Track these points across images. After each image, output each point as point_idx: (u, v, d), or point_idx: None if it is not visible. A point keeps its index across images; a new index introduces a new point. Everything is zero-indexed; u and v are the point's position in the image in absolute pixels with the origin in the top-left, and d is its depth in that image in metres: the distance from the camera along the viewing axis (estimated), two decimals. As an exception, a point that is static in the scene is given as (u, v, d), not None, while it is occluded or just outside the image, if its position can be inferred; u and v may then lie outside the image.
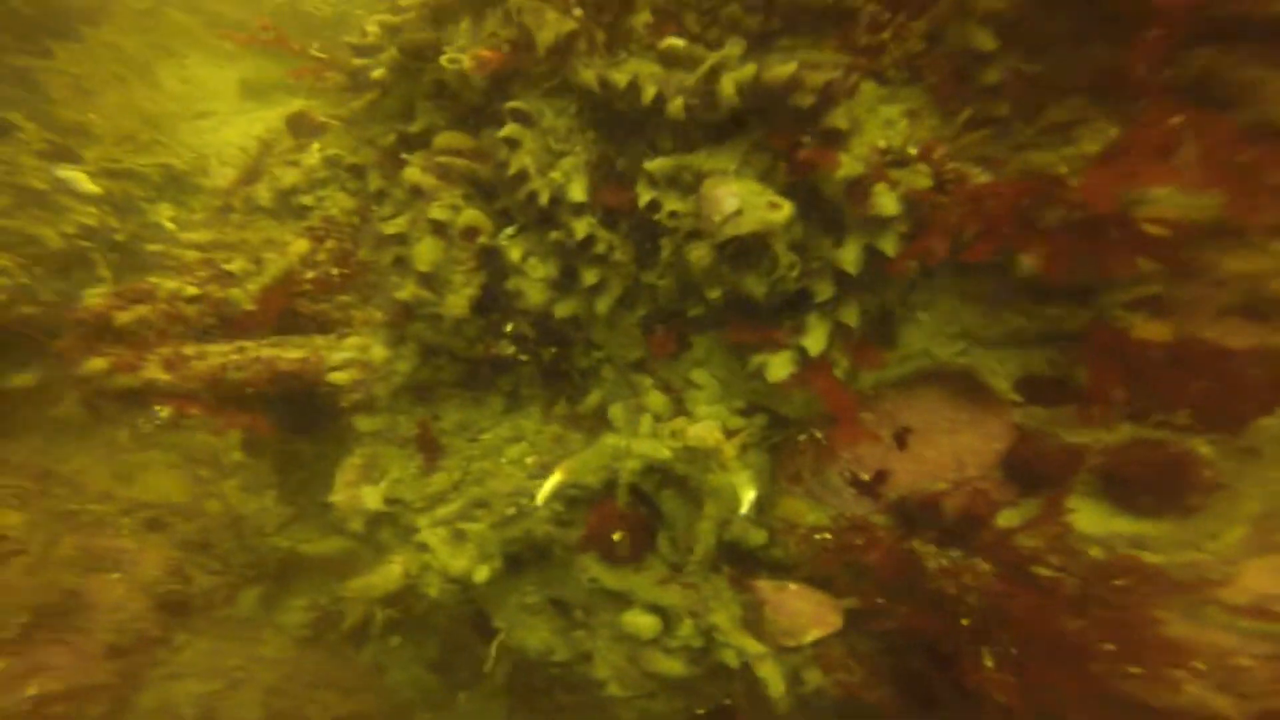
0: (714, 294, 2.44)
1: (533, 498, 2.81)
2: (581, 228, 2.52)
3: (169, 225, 6.57)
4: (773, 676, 2.45)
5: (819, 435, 2.71)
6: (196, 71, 10.54)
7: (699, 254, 2.42)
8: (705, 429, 2.51)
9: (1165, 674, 2.30)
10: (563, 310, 2.71)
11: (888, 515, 2.68)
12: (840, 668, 2.65)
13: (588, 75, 2.42)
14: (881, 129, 2.35)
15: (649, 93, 2.40)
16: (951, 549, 2.51)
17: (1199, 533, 2.42)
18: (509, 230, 2.80)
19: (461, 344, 3.07)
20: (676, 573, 2.64)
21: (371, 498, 2.82)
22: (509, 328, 3.03)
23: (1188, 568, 2.42)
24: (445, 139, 3.02)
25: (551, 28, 2.40)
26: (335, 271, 3.48)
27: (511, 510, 2.76)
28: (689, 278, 2.54)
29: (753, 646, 2.45)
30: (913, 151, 2.28)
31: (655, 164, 2.44)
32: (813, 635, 2.48)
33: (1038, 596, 2.31)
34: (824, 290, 2.36)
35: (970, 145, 2.37)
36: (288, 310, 3.40)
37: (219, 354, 3.27)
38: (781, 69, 2.21)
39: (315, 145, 4.40)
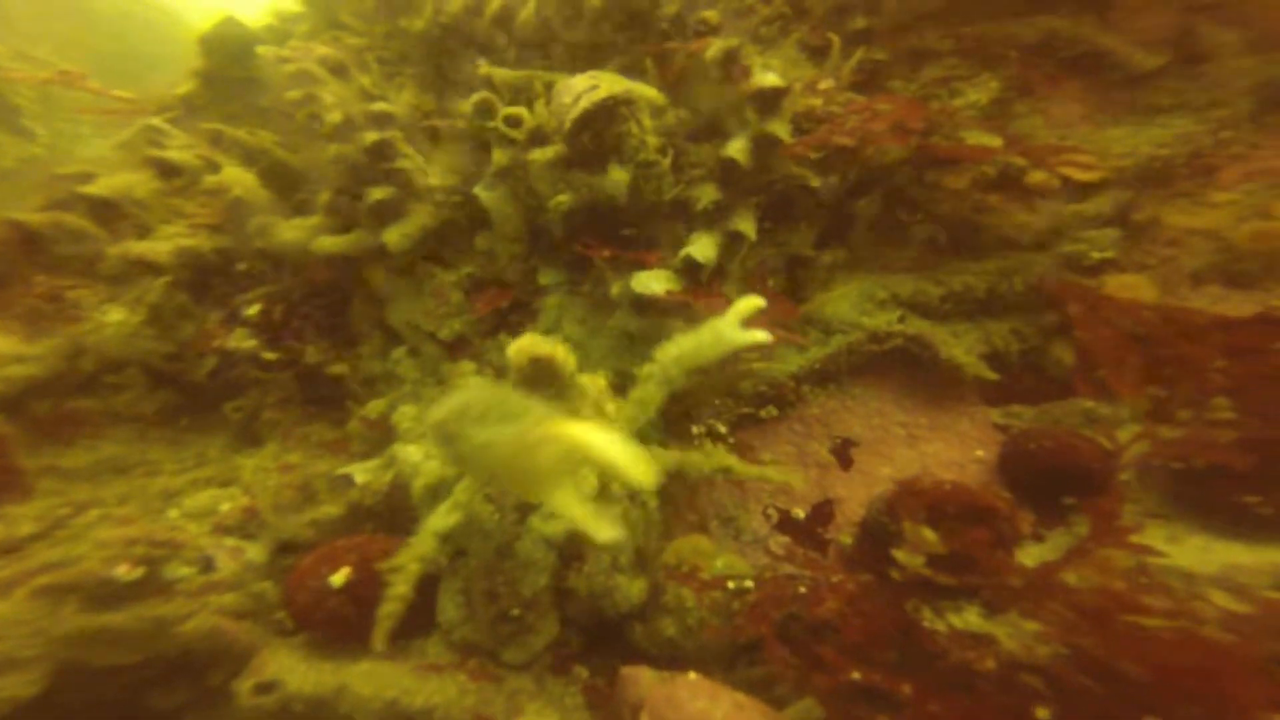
0: (563, 200, 1.81)
1: (208, 566, 1.56)
2: (372, 135, 1.93)
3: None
4: None
5: (723, 430, 1.82)
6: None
7: (543, 154, 1.86)
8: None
9: None
10: (329, 246, 1.92)
11: (842, 568, 1.67)
12: None
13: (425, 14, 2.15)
14: (760, 72, 2.12)
15: (493, 5, 2.11)
16: (957, 602, 1.50)
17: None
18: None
19: (163, 348, 2.07)
20: (468, 658, 1.35)
21: None
22: (250, 309, 2.11)
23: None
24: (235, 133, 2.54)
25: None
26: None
27: (132, 575, 1.45)
28: (530, 197, 1.91)
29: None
30: (796, 86, 2.02)
31: (499, 72, 2.03)
32: (737, 772, 1.20)
33: (1189, 658, 1.31)
34: (706, 194, 1.82)
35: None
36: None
37: None
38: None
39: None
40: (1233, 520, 1.59)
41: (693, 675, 1.37)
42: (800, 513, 1.86)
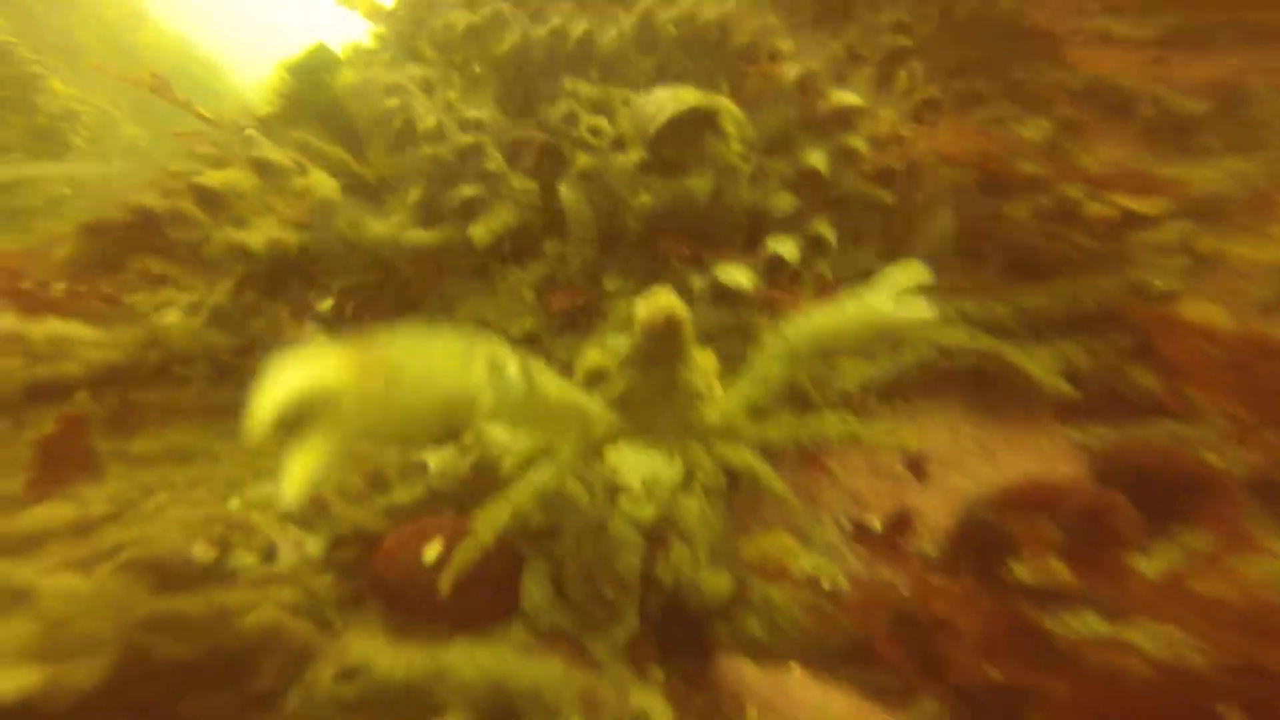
0: (645, 200, 1.81)
1: (271, 556, 1.46)
2: (464, 138, 1.96)
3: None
4: None
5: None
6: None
7: (626, 158, 1.88)
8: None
9: None
10: (417, 239, 1.91)
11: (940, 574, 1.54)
12: None
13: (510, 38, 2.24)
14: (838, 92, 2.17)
15: (577, 31, 2.20)
16: (1074, 607, 1.38)
17: None
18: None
19: (232, 342, 2.04)
20: (555, 644, 1.22)
21: None
22: (324, 303, 2.08)
23: None
24: (320, 144, 2.62)
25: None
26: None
27: (208, 555, 1.36)
28: (610, 200, 1.92)
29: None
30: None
31: (583, 87, 2.09)
32: (861, 774, 1.04)
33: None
34: (785, 201, 1.82)
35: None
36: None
37: None
38: (715, 8, 2.13)
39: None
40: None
41: (798, 669, 1.23)
42: (877, 524, 1.74)
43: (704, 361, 1.19)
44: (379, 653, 1.11)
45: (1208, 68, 2.29)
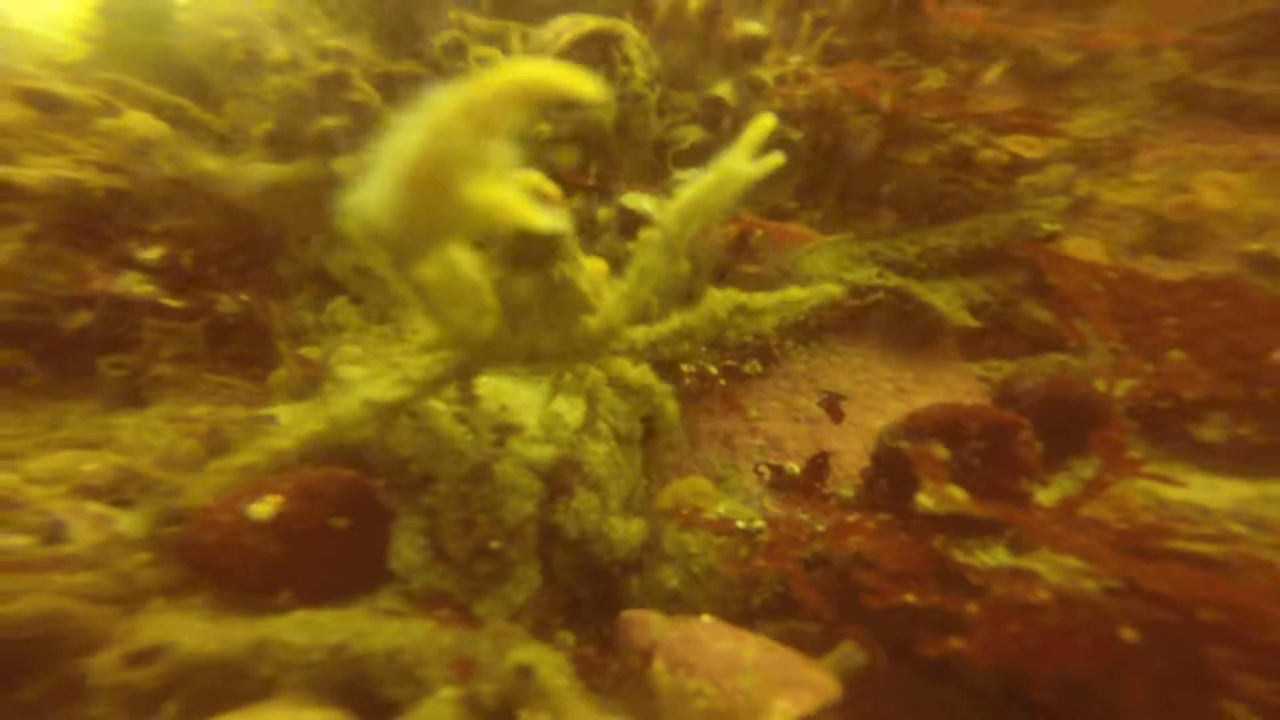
0: (542, 129, 1.62)
1: (56, 536, 1.16)
2: (324, 66, 1.70)
3: None
4: None
5: (714, 370, 1.62)
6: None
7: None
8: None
9: None
10: (265, 174, 1.64)
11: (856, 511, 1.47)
12: None
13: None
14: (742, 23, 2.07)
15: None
16: (983, 539, 1.34)
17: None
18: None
19: (14, 298, 1.65)
20: (434, 609, 1.02)
21: None
22: (149, 252, 1.74)
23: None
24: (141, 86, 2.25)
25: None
26: None
27: None
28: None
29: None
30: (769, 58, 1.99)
31: (471, 19, 1.87)
32: (780, 712, 0.93)
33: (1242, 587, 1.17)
34: (692, 134, 1.69)
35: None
36: None
37: None
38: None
39: None
40: (1226, 456, 1.55)
41: (707, 617, 1.10)
42: (795, 468, 1.66)
43: (592, 267, 1.04)
44: (186, 630, 0.87)
45: (1072, 24, 2.40)
